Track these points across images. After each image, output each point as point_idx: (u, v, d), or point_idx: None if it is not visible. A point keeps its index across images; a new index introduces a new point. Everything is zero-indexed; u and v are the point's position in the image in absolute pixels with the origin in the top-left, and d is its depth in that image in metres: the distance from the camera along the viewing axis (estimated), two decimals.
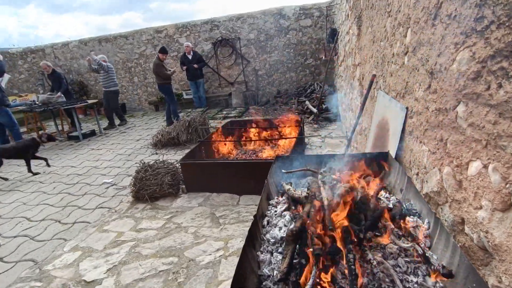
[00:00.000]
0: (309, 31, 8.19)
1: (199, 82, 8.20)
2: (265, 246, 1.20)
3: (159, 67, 6.74)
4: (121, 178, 4.21)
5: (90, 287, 2.20)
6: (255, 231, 1.19)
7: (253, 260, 1.10)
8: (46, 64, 7.14)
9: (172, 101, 7.05)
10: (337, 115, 6.18)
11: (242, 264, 0.97)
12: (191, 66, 7.87)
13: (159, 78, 6.84)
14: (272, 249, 1.17)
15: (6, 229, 3.20)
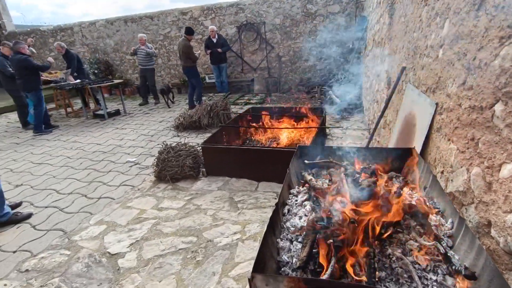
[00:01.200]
0: (337, 17, 7.92)
1: (222, 67, 8.15)
2: (284, 233, 1.23)
3: (190, 48, 6.63)
4: (144, 158, 4.36)
5: (114, 259, 2.34)
6: (276, 219, 1.22)
7: (273, 246, 1.13)
8: (59, 45, 7.36)
9: (199, 85, 7.03)
10: (360, 107, 6.04)
11: (263, 249, 1.00)
12: (215, 50, 7.80)
13: (189, 61, 6.70)
14: (292, 237, 1.20)
15: (38, 199, 3.42)
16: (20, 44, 5.72)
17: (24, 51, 5.69)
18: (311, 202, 1.38)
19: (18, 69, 5.64)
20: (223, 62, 8.13)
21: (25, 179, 3.97)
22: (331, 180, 1.46)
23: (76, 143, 5.31)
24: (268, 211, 2.85)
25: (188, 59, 6.69)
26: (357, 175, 1.39)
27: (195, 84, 7.00)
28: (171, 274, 2.15)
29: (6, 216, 2.91)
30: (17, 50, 5.64)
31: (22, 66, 5.59)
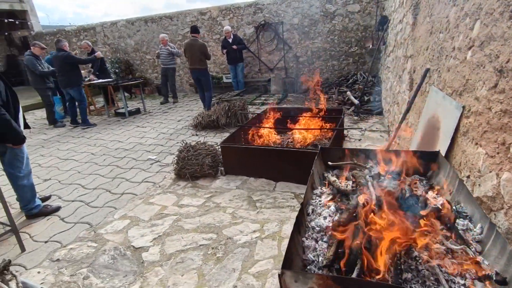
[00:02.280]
0: (356, 17, 7.82)
1: (238, 66, 8.17)
2: (309, 233, 1.25)
3: (206, 47, 6.22)
4: (164, 156, 4.47)
5: (138, 253, 2.43)
6: (301, 218, 1.25)
7: (299, 244, 1.16)
8: (87, 44, 7.64)
9: (210, 88, 6.68)
10: (379, 108, 5.95)
11: (291, 247, 1.03)
12: (230, 48, 7.80)
13: (202, 62, 6.27)
14: (317, 236, 1.22)
15: (65, 193, 3.58)
16: (63, 42, 6.05)
17: (66, 48, 6.02)
18: (335, 203, 1.40)
19: (61, 66, 5.97)
20: (239, 62, 8.13)
21: (53, 174, 4.17)
22: (355, 182, 1.47)
23: (99, 140, 5.51)
24: (286, 211, 2.87)
25: (203, 59, 6.27)
26: (383, 177, 1.39)
27: (205, 88, 6.63)
28: (192, 269, 2.22)
29: (37, 208, 3.07)
30: (60, 48, 5.96)
31: (66, 62, 5.91)
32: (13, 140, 2.73)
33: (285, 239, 2.47)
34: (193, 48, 6.19)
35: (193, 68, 6.43)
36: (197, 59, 6.23)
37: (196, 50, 6.17)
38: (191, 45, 6.21)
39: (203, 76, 6.51)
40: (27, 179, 2.98)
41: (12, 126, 2.66)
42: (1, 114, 2.58)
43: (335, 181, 1.53)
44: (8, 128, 2.64)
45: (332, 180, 1.55)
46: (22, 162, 2.92)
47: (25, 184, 2.97)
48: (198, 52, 6.17)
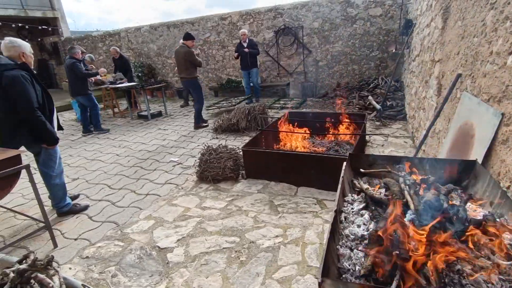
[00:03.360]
0: (378, 21, 7.70)
1: (252, 72, 7.90)
2: (343, 241, 1.24)
3: (192, 54, 5.72)
4: (185, 158, 4.55)
5: (163, 253, 2.47)
6: (336, 226, 1.23)
7: (334, 252, 1.15)
8: (115, 50, 7.88)
9: (200, 100, 6.05)
10: (402, 113, 5.81)
11: (328, 255, 1.03)
12: (242, 51, 7.50)
13: (189, 71, 5.77)
14: (352, 245, 1.20)
15: (93, 193, 3.70)
16: (75, 50, 6.00)
17: (77, 56, 5.98)
18: (369, 211, 1.37)
19: (68, 73, 5.96)
20: (253, 67, 7.81)
21: (81, 174, 4.33)
22: (389, 190, 1.44)
23: (123, 142, 5.67)
24: (308, 216, 2.85)
25: (191, 68, 5.80)
26: (418, 186, 1.36)
27: (194, 99, 6.15)
28: (217, 271, 2.23)
29: (67, 206, 3.19)
30: (71, 55, 5.94)
31: (71, 70, 5.85)
32: (47, 141, 2.87)
33: (308, 245, 2.45)
34: (178, 55, 5.84)
35: (181, 78, 6.07)
36: (182, 67, 5.81)
37: (181, 58, 5.77)
38: (177, 52, 5.87)
39: (191, 87, 6.03)
40: (59, 178, 3.11)
41: (47, 128, 2.79)
42: (37, 116, 2.71)
43: (367, 188, 1.51)
44: (43, 129, 2.77)
45: (364, 188, 1.52)
46: (55, 162, 3.05)
47: (57, 183, 3.10)
48: (183, 60, 5.73)
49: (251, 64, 7.73)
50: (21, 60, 2.78)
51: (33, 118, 2.70)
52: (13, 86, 2.61)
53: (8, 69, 2.63)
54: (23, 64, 2.76)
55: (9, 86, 2.61)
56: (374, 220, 1.29)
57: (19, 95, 2.63)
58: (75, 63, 5.88)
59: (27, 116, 2.69)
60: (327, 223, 2.71)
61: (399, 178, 1.47)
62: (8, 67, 2.64)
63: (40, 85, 2.86)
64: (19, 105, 2.65)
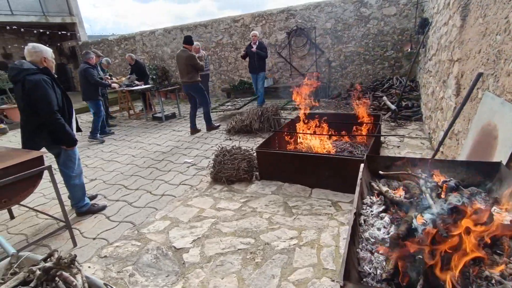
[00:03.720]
0: (393, 20, 7.58)
1: (259, 76, 7.59)
2: (363, 244, 1.22)
3: (194, 57, 5.63)
4: (199, 159, 4.59)
5: (179, 254, 2.50)
6: (355, 229, 1.22)
7: (354, 255, 1.13)
8: (130, 57, 8.05)
9: (205, 103, 5.96)
10: (418, 114, 5.69)
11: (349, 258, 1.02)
12: (250, 51, 7.20)
13: (190, 75, 5.66)
14: (372, 248, 1.19)
15: (110, 193, 3.79)
16: (90, 55, 6.03)
17: (91, 61, 6.00)
18: (389, 214, 1.35)
19: (80, 78, 5.98)
20: (260, 71, 7.51)
21: (98, 174, 4.43)
22: (409, 193, 1.41)
23: (138, 143, 5.78)
24: (323, 218, 2.83)
25: (193, 71, 5.68)
26: (440, 189, 1.33)
27: (200, 102, 5.99)
28: (232, 272, 2.24)
29: (86, 206, 3.28)
30: (85, 60, 5.98)
31: (83, 75, 5.85)
32: (66, 142, 2.96)
33: (324, 247, 2.43)
34: (180, 59, 5.72)
35: (183, 82, 5.89)
36: (184, 71, 5.71)
37: (182, 63, 5.66)
38: (179, 56, 5.74)
39: (193, 91, 5.88)
40: (78, 178, 3.20)
41: (66, 130, 2.88)
42: (57, 119, 2.81)
43: (387, 191, 1.48)
44: (62, 131, 2.87)
45: (384, 190, 1.50)
46: (75, 163, 3.14)
47: (77, 184, 3.19)
48: (184, 65, 5.63)
49: (258, 68, 7.45)
50: (42, 65, 2.88)
51: (53, 120, 2.79)
52: (35, 90, 2.71)
53: (31, 74, 2.73)
54: (45, 69, 2.86)
55: (31, 90, 2.71)
56: (394, 223, 1.27)
57: (40, 99, 2.72)
58: (87, 69, 5.91)
59: (47, 119, 2.78)
60: (342, 226, 2.69)
61: (419, 181, 1.44)
62: (30, 72, 2.74)
63: (60, 89, 2.95)
64: (40, 108, 2.75)
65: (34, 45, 2.91)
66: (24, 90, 2.73)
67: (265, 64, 7.65)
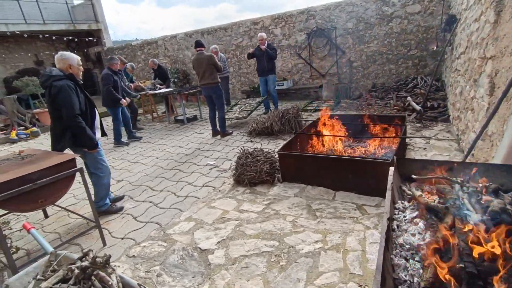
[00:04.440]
0: (417, 18, 7.34)
1: (269, 78, 7.13)
2: (397, 250, 1.19)
3: (214, 58, 5.57)
4: (221, 161, 4.64)
5: (204, 255, 2.54)
6: (389, 234, 1.19)
7: (388, 262, 1.11)
8: (153, 62, 8.26)
9: (223, 107, 5.87)
10: (445, 115, 5.48)
11: (384, 265, 0.99)
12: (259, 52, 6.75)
13: (213, 76, 5.55)
14: (407, 254, 1.15)
15: (136, 194, 3.91)
16: (113, 61, 5.99)
17: (114, 67, 5.96)
18: (423, 220, 1.31)
19: (100, 83, 6.01)
20: (270, 74, 7.06)
21: (124, 176, 4.59)
22: (444, 198, 1.36)
23: (162, 145, 5.93)
24: (348, 222, 2.78)
25: (215, 72, 5.60)
26: (479, 194, 1.27)
27: (218, 106, 5.84)
28: (257, 275, 2.25)
29: (105, 206, 3.41)
30: (108, 65, 5.99)
31: (103, 80, 5.88)
32: (87, 145, 3.09)
33: (350, 252, 2.38)
34: (201, 62, 5.55)
35: (203, 85, 5.70)
36: (206, 73, 5.55)
37: (204, 64, 5.52)
38: (198, 59, 5.58)
39: (214, 93, 5.72)
40: (106, 179, 3.33)
41: (86, 133, 3.02)
42: (78, 122, 2.95)
43: (421, 196, 1.44)
44: (83, 134, 3.01)
45: (417, 195, 1.45)
46: (101, 164, 3.28)
47: (104, 183, 3.32)
48: (207, 65, 5.50)
49: (268, 70, 6.99)
50: (68, 71, 3.03)
51: (74, 123, 2.94)
52: (59, 94, 2.88)
53: (57, 80, 2.91)
54: (70, 75, 3.02)
55: (56, 94, 2.88)
56: (430, 230, 1.23)
57: (63, 103, 2.89)
58: (106, 75, 5.87)
59: (69, 122, 2.94)
60: (368, 230, 2.63)
61: (455, 185, 1.38)
62: (56, 78, 2.92)
63: (84, 94, 3.09)
64: (63, 111, 2.91)
65: (62, 53, 3.07)
66: (51, 95, 2.91)
67: (275, 66, 7.25)
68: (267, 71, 6.99)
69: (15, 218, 3.64)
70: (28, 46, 13.47)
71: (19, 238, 3.19)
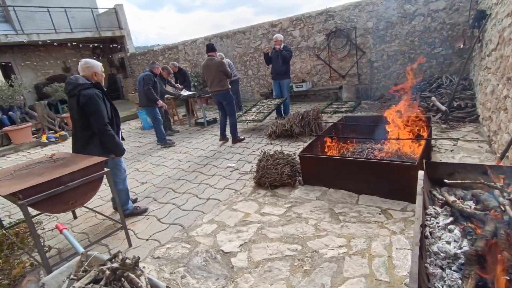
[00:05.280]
0: (441, 15, 7.09)
1: (283, 83, 6.76)
2: (432, 258, 1.15)
3: (224, 64, 5.42)
4: (242, 164, 4.66)
5: (227, 257, 2.55)
6: (423, 242, 1.15)
7: (422, 270, 1.07)
8: (173, 65, 8.43)
9: (234, 113, 5.67)
10: (473, 115, 5.24)
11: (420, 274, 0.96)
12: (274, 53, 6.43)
13: (222, 83, 5.42)
14: (443, 263, 1.11)
15: (159, 196, 3.99)
16: (155, 65, 6.31)
17: (156, 71, 6.25)
18: (459, 227, 1.25)
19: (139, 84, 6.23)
20: (284, 78, 6.68)
21: (148, 178, 4.70)
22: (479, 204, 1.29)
23: (183, 148, 6.04)
24: (373, 226, 2.71)
25: (224, 79, 5.45)
26: None
27: (228, 113, 5.67)
28: (281, 279, 2.23)
29: (129, 209, 3.49)
30: (150, 69, 6.22)
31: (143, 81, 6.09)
32: (115, 152, 3.18)
33: (375, 257, 2.32)
34: (210, 68, 5.42)
35: (213, 92, 5.57)
36: (216, 80, 5.41)
37: (213, 71, 5.37)
38: (207, 65, 5.45)
39: (224, 99, 5.58)
40: (123, 184, 3.43)
41: (115, 140, 3.11)
42: (108, 131, 3.04)
43: (455, 201, 1.38)
44: (112, 142, 3.10)
45: (451, 200, 1.39)
46: (120, 169, 3.39)
47: (121, 188, 3.41)
48: (216, 72, 5.36)
49: (282, 73, 6.62)
50: (93, 79, 3.12)
51: (104, 132, 3.03)
52: (89, 103, 2.95)
53: (85, 88, 2.98)
54: (97, 83, 3.11)
55: (86, 104, 2.95)
56: (467, 238, 1.17)
57: (93, 112, 2.97)
58: (149, 75, 6.09)
59: (99, 130, 3.03)
60: (394, 235, 2.55)
61: (494, 191, 1.31)
62: (85, 86, 2.99)
63: (110, 102, 3.19)
64: (93, 120, 2.99)
65: (86, 61, 3.17)
66: (79, 104, 2.97)
67: (289, 69, 6.88)
68: (281, 75, 6.64)
69: (46, 219, 3.82)
70: (57, 53, 14.18)
71: (51, 238, 3.34)
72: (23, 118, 9.92)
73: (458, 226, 1.25)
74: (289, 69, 6.76)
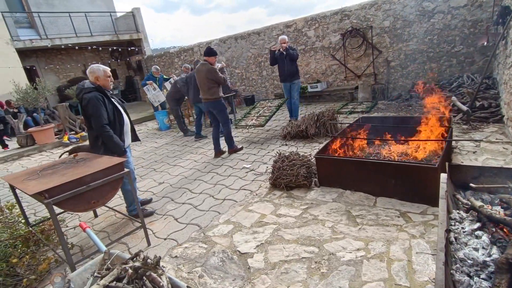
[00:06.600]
0: (462, 12, 6.86)
1: (294, 84, 6.48)
2: (458, 265, 1.12)
3: (216, 71, 4.98)
4: (257, 165, 4.68)
5: (244, 258, 2.57)
6: (447, 247, 1.12)
7: (448, 277, 1.04)
8: (185, 67, 8.55)
9: (227, 123, 5.27)
10: (498, 115, 5.04)
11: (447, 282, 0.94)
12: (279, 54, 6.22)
13: (212, 91, 5.01)
14: (470, 271, 1.07)
15: (176, 196, 4.06)
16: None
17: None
18: (487, 233, 1.21)
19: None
20: (295, 79, 6.42)
21: (165, 178, 4.79)
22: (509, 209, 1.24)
23: (199, 148, 6.11)
24: (392, 230, 2.65)
25: (214, 87, 5.02)
26: None
27: (221, 122, 5.28)
28: (297, 281, 2.22)
29: (136, 210, 3.51)
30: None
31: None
32: (115, 152, 3.26)
33: (394, 261, 2.28)
34: (199, 74, 5.07)
35: (204, 100, 5.23)
36: (205, 87, 5.05)
37: (202, 77, 5.01)
38: (198, 71, 5.09)
39: (214, 108, 5.17)
40: (127, 185, 3.48)
41: (114, 141, 3.21)
42: (106, 131, 3.16)
43: (482, 206, 1.33)
44: (110, 142, 3.20)
45: (477, 205, 1.35)
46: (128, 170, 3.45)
47: (129, 189, 3.46)
48: (205, 79, 4.98)
49: (291, 74, 6.36)
50: (96, 83, 3.26)
51: (103, 132, 3.15)
52: (88, 105, 3.12)
53: (87, 92, 3.15)
54: (99, 87, 3.25)
55: (86, 106, 3.13)
56: (497, 245, 1.13)
57: (92, 114, 3.12)
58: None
59: (98, 131, 3.15)
60: (414, 238, 2.49)
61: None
62: (87, 90, 3.17)
63: (112, 104, 3.28)
64: (92, 121, 3.14)
65: (90, 67, 3.32)
66: (82, 106, 3.17)
67: (298, 70, 6.60)
68: (290, 76, 6.36)
69: (69, 217, 3.95)
70: (77, 57, 14.67)
71: (73, 235, 3.45)
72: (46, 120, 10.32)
73: (486, 232, 1.21)
74: (297, 69, 6.53)
